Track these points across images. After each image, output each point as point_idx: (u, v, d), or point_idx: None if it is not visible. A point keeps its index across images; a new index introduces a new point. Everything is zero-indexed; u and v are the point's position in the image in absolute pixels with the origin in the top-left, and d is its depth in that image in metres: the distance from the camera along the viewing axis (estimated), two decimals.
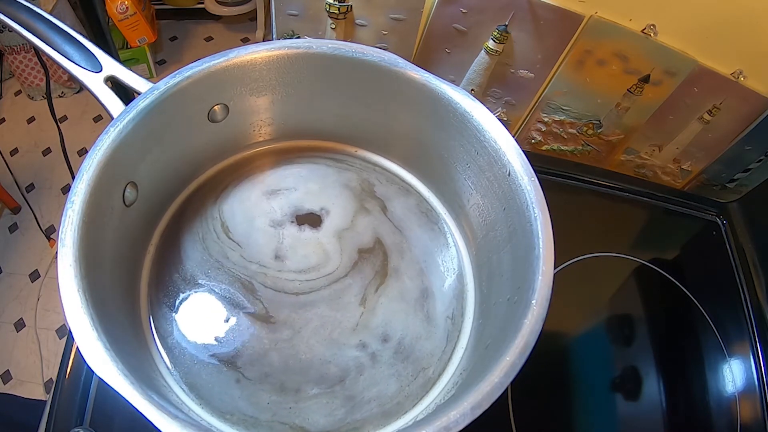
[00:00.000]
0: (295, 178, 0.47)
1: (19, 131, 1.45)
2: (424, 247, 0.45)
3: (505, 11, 0.49)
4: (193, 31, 1.69)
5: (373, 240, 0.44)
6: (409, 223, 0.46)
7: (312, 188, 0.47)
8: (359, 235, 0.45)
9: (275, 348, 0.39)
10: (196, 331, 0.39)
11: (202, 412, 0.36)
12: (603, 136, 0.59)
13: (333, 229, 0.45)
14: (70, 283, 0.29)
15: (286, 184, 0.47)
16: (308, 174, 0.47)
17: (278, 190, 0.46)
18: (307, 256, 0.43)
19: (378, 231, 0.45)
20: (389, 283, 0.43)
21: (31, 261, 1.25)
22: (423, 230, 0.46)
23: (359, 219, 0.45)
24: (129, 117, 0.35)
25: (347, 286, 0.42)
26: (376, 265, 0.43)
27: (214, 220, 0.44)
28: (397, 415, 0.38)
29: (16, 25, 0.38)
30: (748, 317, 0.54)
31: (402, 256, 0.44)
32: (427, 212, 0.47)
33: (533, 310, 0.31)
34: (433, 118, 0.42)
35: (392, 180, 0.48)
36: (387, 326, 0.41)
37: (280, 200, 0.46)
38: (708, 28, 0.48)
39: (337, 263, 0.43)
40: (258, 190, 0.46)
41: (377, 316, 0.41)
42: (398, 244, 0.45)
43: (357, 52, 0.40)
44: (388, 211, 0.46)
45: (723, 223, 0.60)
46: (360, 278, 0.42)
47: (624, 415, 0.47)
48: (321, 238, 0.44)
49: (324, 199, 0.46)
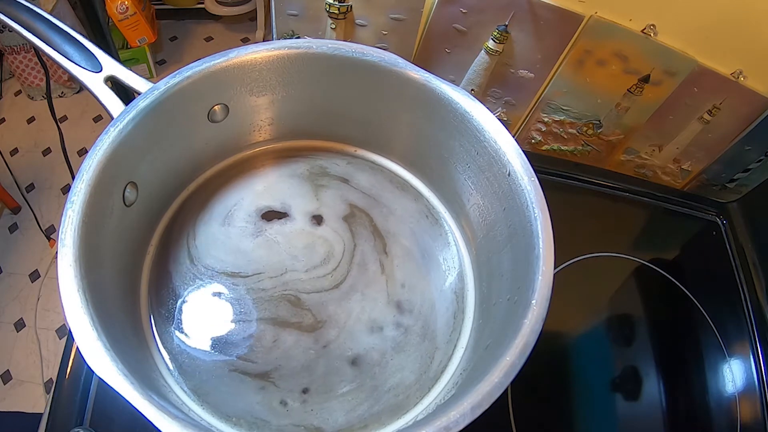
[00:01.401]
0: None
1: (19, 131, 1.45)
2: (424, 247, 0.45)
3: (505, 11, 0.49)
4: (193, 31, 1.69)
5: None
6: (407, 219, 0.46)
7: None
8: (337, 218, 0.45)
9: (298, 348, 0.39)
10: (197, 331, 0.39)
11: (202, 412, 0.36)
12: (603, 136, 0.59)
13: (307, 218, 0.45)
14: (70, 283, 0.29)
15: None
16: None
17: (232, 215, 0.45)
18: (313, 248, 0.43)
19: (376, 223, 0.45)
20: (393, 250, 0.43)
21: (31, 261, 1.25)
22: (423, 230, 0.46)
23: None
24: (129, 117, 0.35)
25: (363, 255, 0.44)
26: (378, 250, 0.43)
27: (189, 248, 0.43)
28: (399, 413, 0.38)
29: (16, 25, 0.38)
30: (748, 317, 0.54)
31: (400, 246, 0.44)
32: (427, 212, 0.47)
33: (533, 310, 0.31)
34: (433, 118, 0.42)
35: (392, 179, 0.48)
36: (409, 291, 0.43)
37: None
38: (708, 28, 0.48)
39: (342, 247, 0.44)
40: (216, 219, 0.45)
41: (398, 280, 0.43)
42: (400, 245, 0.45)
43: (357, 52, 0.40)
44: (378, 205, 0.47)
45: (723, 223, 0.60)
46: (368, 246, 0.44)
47: (624, 415, 0.47)
48: (314, 230, 0.44)
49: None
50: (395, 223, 0.46)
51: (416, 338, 0.41)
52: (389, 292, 0.42)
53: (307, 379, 0.38)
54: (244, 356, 0.38)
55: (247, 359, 0.38)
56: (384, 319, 0.41)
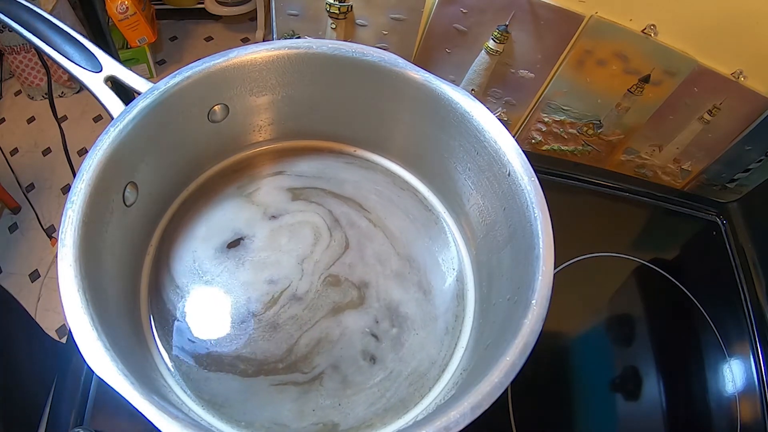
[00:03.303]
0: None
1: (19, 131, 1.45)
2: (424, 247, 0.45)
3: (505, 11, 0.49)
4: (193, 31, 1.69)
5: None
6: (407, 219, 0.46)
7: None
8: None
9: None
10: (198, 331, 0.39)
11: (203, 412, 0.36)
12: (603, 136, 0.59)
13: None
14: (70, 283, 0.29)
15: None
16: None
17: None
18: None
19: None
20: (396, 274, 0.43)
21: (31, 261, 1.25)
22: (423, 230, 0.46)
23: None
24: (129, 117, 0.35)
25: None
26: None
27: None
28: (399, 413, 0.38)
29: (16, 25, 0.38)
30: (748, 317, 0.54)
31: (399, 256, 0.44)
32: (427, 212, 0.47)
33: (533, 310, 0.31)
34: (433, 118, 0.42)
35: (392, 179, 0.48)
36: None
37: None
38: (708, 28, 0.48)
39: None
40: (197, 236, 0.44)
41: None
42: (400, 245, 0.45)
43: (357, 52, 0.40)
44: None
45: (723, 223, 0.60)
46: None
47: (624, 415, 0.47)
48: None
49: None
50: (395, 223, 0.46)
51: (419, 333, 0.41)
52: (393, 245, 0.44)
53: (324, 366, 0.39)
54: (246, 356, 0.39)
55: (250, 358, 0.38)
56: (403, 270, 0.43)
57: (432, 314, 0.42)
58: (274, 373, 0.38)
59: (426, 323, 0.42)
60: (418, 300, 0.42)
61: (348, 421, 0.37)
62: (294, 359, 0.39)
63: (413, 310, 0.42)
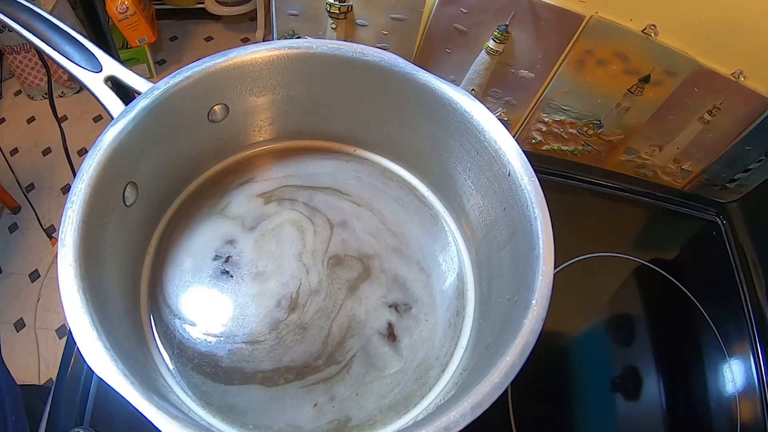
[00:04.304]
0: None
1: (19, 131, 1.45)
2: (423, 247, 0.45)
3: (505, 11, 0.49)
4: (193, 31, 1.69)
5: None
6: (407, 219, 0.46)
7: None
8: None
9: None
10: (199, 330, 0.39)
11: (203, 412, 0.36)
12: (603, 136, 0.59)
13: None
14: (70, 283, 0.29)
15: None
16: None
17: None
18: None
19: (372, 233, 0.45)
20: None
21: (31, 261, 1.25)
22: (423, 230, 0.46)
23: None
24: (129, 117, 0.35)
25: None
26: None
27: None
28: (400, 412, 0.38)
29: (16, 25, 0.38)
30: (748, 317, 0.54)
31: (400, 255, 0.44)
32: (427, 212, 0.47)
33: (533, 310, 0.31)
34: (433, 118, 0.42)
35: (392, 179, 0.48)
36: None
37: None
38: (708, 28, 0.48)
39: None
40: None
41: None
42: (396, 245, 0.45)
43: (357, 52, 0.40)
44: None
45: (723, 223, 0.60)
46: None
47: (624, 415, 0.47)
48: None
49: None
50: (394, 223, 0.46)
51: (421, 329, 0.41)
52: (384, 223, 0.45)
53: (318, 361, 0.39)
54: (247, 354, 0.39)
55: (290, 366, 0.38)
56: (399, 246, 0.45)
57: (434, 296, 0.43)
58: (312, 373, 0.38)
59: (431, 309, 0.42)
60: (423, 282, 0.43)
61: (360, 415, 0.37)
62: (330, 350, 0.39)
63: (419, 291, 0.43)
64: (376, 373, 0.39)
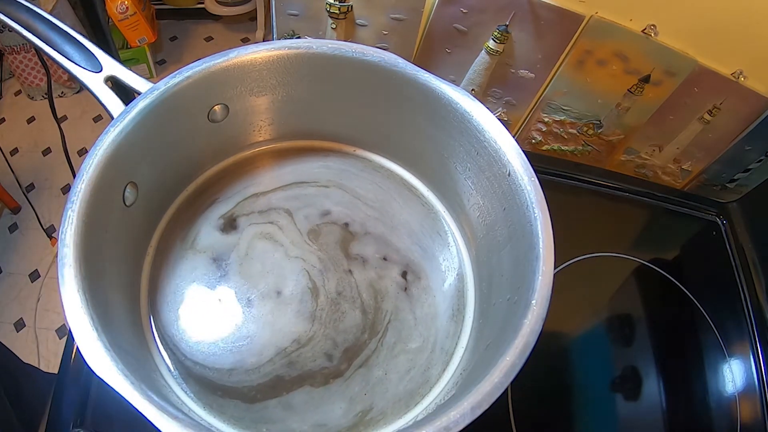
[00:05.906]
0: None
1: (19, 131, 1.45)
2: (423, 246, 0.45)
3: (505, 11, 0.49)
4: (193, 31, 1.69)
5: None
6: (407, 219, 0.46)
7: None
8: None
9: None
10: (199, 330, 0.39)
11: (203, 412, 0.36)
12: (603, 136, 0.59)
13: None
14: (70, 283, 0.29)
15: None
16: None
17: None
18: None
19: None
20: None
21: (31, 261, 1.25)
22: (423, 230, 0.46)
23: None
24: (129, 117, 0.35)
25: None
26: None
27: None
28: (401, 412, 0.38)
29: (16, 25, 0.38)
30: (748, 317, 0.54)
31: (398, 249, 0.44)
32: (427, 212, 0.47)
33: (533, 310, 0.31)
34: (433, 118, 0.42)
35: (392, 179, 0.49)
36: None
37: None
38: (708, 28, 0.48)
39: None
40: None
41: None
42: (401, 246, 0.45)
43: (357, 52, 0.40)
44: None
45: (723, 223, 0.60)
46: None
47: (624, 415, 0.47)
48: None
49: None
50: (394, 223, 0.46)
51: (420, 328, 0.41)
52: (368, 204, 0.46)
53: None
54: (248, 355, 0.39)
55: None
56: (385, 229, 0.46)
57: (434, 296, 0.43)
58: (359, 352, 0.39)
59: (434, 278, 0.43)
60: (423, 282, 0.44)
61: (381, 404, 0.38)
62: (372, 319, 0.41)
63: (418, 291, 0.43)
64: (402, 345, 0.40)
